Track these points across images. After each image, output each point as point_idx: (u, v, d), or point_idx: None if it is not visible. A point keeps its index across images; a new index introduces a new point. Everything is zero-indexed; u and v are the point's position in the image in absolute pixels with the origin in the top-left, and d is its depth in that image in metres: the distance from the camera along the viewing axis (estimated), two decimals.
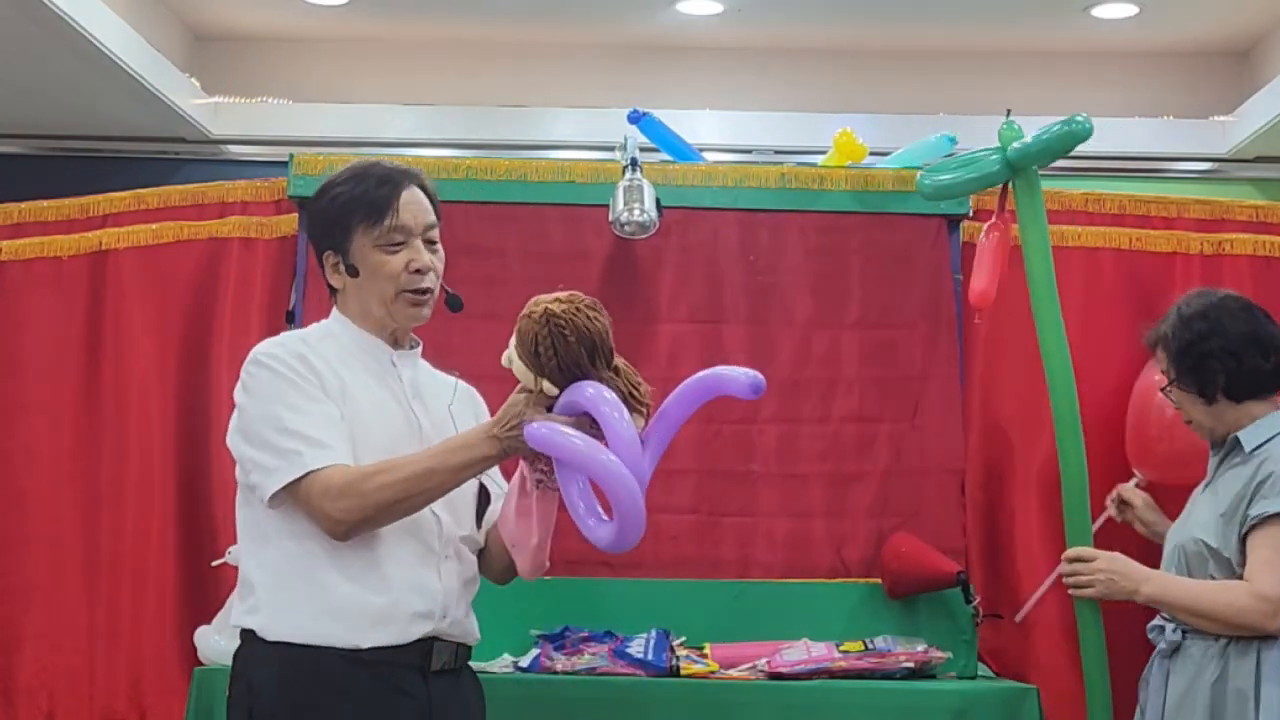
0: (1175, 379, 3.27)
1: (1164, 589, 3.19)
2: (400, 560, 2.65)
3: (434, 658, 2.68)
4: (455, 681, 2.75)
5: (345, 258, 2.76)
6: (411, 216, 2.74)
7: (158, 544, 3.80)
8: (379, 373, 2.77)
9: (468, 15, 5.81)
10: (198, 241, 3.94)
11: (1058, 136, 3.43)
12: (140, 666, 3.76)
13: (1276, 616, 3.03)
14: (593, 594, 2.87)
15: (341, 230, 2.75)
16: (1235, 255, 3.95)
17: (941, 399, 3.84)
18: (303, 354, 2.69)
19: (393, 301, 2.75)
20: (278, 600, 2.64)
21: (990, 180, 3.58)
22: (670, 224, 3.81)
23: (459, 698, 2.76)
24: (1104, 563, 3.27)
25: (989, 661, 3.78)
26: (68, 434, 3.87)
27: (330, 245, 2.78)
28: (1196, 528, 3.21)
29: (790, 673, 3.49)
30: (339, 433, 2.64)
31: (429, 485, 2.59)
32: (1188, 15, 5.64)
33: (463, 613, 2.75)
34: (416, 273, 2.74)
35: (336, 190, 2.77)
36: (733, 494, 3.79)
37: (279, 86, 6.05)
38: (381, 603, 2.62)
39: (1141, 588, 3.20)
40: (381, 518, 2.60)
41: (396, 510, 2.60)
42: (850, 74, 6.02)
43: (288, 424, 2.62)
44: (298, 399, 2.64)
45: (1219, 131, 5.89)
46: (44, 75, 5.34)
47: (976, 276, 3.60)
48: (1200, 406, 3.25)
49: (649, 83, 5.90)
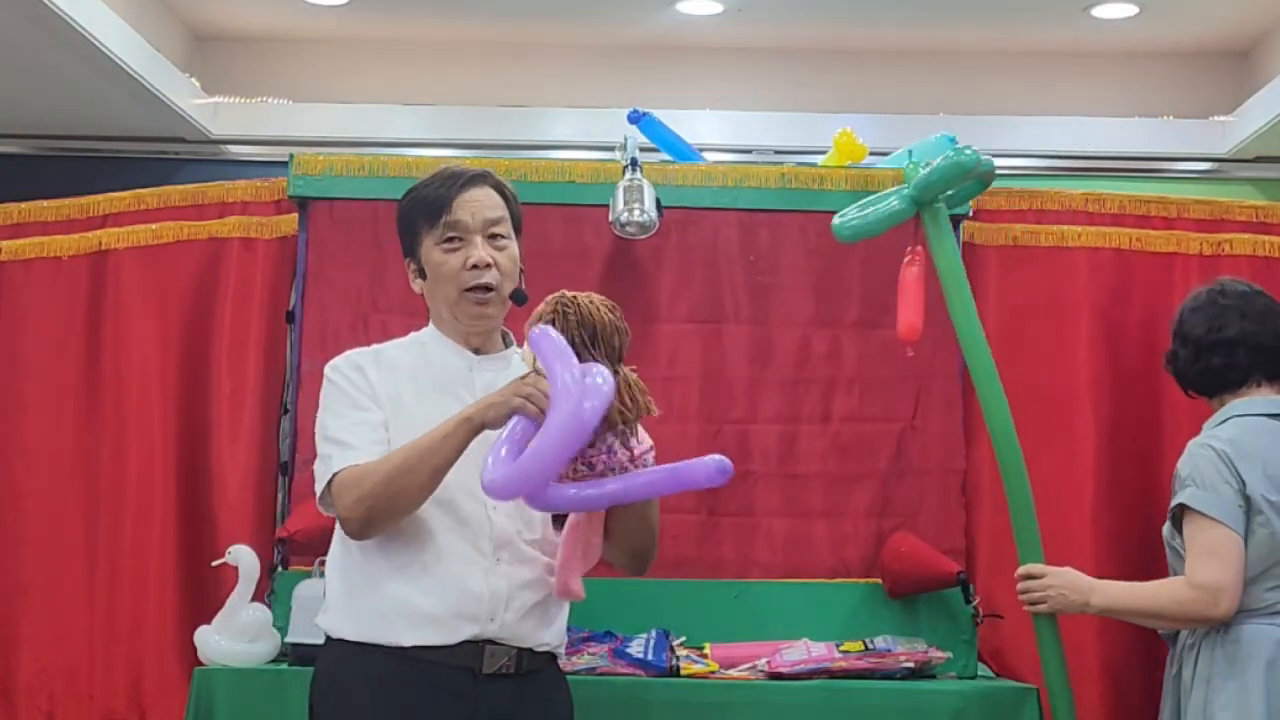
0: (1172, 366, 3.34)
1: (1110, 598, 3.23)
2: (448, 562, 2.68)
3: (485, 661, 2.68)
4: (521, 687, 2.72)
5: (416, 260, 2.80)
6: (469, 213, 2.74)
7: (158, 544, 3.81)
8: (450, 383, 2.77)
9: (468, 15, 5.80)
10: (198, 241, 3.94)
11: (947, 166, 3.43)
12: (140, 666, 3.76)
13: (1218, 604, 3.02)
14: (593, 594, 2.86)
15: (411, 234, 2.79)
16: (1235, 256, 3.95)
17: (941, 399, 3.84)
18: (360, 364, 2.77)
19: (456, 303, 2.76)
20: (339, 601, 2.73)
21: (900, 216, 3.51)
22: (670, 224, 3.81)
23: (526, 705, 2.73)
24: (1052, 578, 3.28)
25: (989, 661, 3.78)
26: (67, 434, 3.87)
27: (408, 252, 2.82)
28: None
29: (790, 673, 3.49)
30: (371, 436, 2.68)
31: (416, 464, 2.59)
32: (1188, 15, 5.64)
33: (517, 616, 2.72)
34: (474, 268, 2.73)
35: (408, 195, 2.82)
36: (733, 494, 3.79)
37: (279, 86, 6.05)
38: (428, 604, 2.66)
39: (1090, 599, 3.23)
40: (384, 508, 2.61)
41: (396, 498, 2.60)
42: (850, 74, 6.02)
43: (329, 431, 2.72)
44: (341, 405, 2.73)
45: (1219, 131, 5.89)
46: (44, 75, 5.34)
47: (903, 310, 3.53)
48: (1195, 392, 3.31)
49: (649, 83, 5.89)
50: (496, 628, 2.69)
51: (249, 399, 3.82)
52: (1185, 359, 3.27)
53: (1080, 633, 3.69)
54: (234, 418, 3.83)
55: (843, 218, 3.54)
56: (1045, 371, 3.88)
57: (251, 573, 3.54)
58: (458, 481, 2.66)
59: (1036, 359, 3.87)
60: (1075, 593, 3.24)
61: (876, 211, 3.52)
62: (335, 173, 3.86)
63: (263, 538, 3.71)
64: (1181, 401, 3.75)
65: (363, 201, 3.83)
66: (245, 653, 3.48)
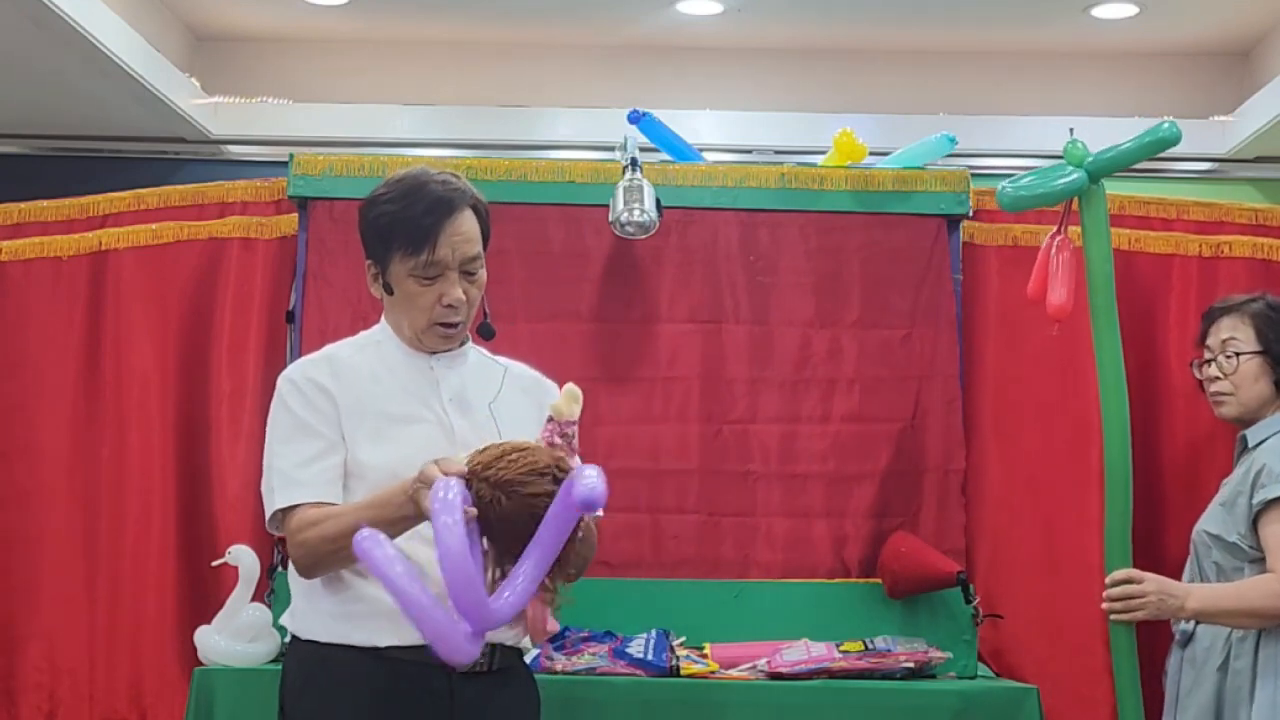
0: (1263, 349, 3.37)
1: (1205, 600, 3.20)
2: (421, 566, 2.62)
3: None
4: (494, 684, 2.72)
5: (384, 274, 2.73)
6: (450, 250, 2.67)
7: (158, 544, 3.81)
8: (415, 382, 2.75)
9: (468, 15, 5.80)
10: (198, 241, 3.94)
11: (1151, 143, 3.31)
12: (140, 666, 3.77)
13: None
14: (593, 594, 2.87)
15: (382, 248, 2.71)
16: (1233, 257, 3.96)
17: (941, 399, 3.84)
18: (315, 379, 2.71)
19: (423, 331, 2.73)
20: (306, 605, 2.71)
21: (1072, 190, 3.37)
22: (670, 224, 3.81)
23: (498, 702, 2.73)
24: (1153, 584, 3.18)
25: (989, 661, 3.78)
26: (67, 434, 3.87)
27: (372, 256, 2.75)
28: (1203, 520, 3.32)
29: (790, 673, 3.49)
30: (320, 468, 2.65)
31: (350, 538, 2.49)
32: (1188, 15, 5.63)
33: None
34: (448, 307, 2.70)
35: (383, 208, 2.71)
36: (733, 494, 3.79)
37: (279, 86, 6.04)
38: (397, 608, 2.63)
39: (1187, 603, 3.18)
40: (327, 563, 2.62)
41: (338, 558, 2.58)
42: (850, 74, 6.01)
43: (274, 460, 2.69)
44: (291, 430, 2.68)
45: (1219, 131, 5.88)
46: (44, 75, 5.33)
47: (1054, 291, 3.43)
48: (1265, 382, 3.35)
49: (649, 83, 5.88)
50: None
51: (249, 399, 3.83)
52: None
53: (1082, 634, 3.69)
54: (234, 418, 3.83)
55: (1012, 184, 3.40)
56: (1045, 371, 3.88)
57: (251, 573, 3.54)
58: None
59: (1036, 359, 3.87)
60: (1173, 598, 3.17)
61: (1048, 183, 3.37)
62: (335, 173, 3.86)
63: (263, 538, 3.70)
64: (1180, 401, 3.77)
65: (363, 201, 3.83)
66: (245, 653, 3.49)
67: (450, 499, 2.31)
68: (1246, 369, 3.38)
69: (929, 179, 3.94)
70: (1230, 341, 3.42)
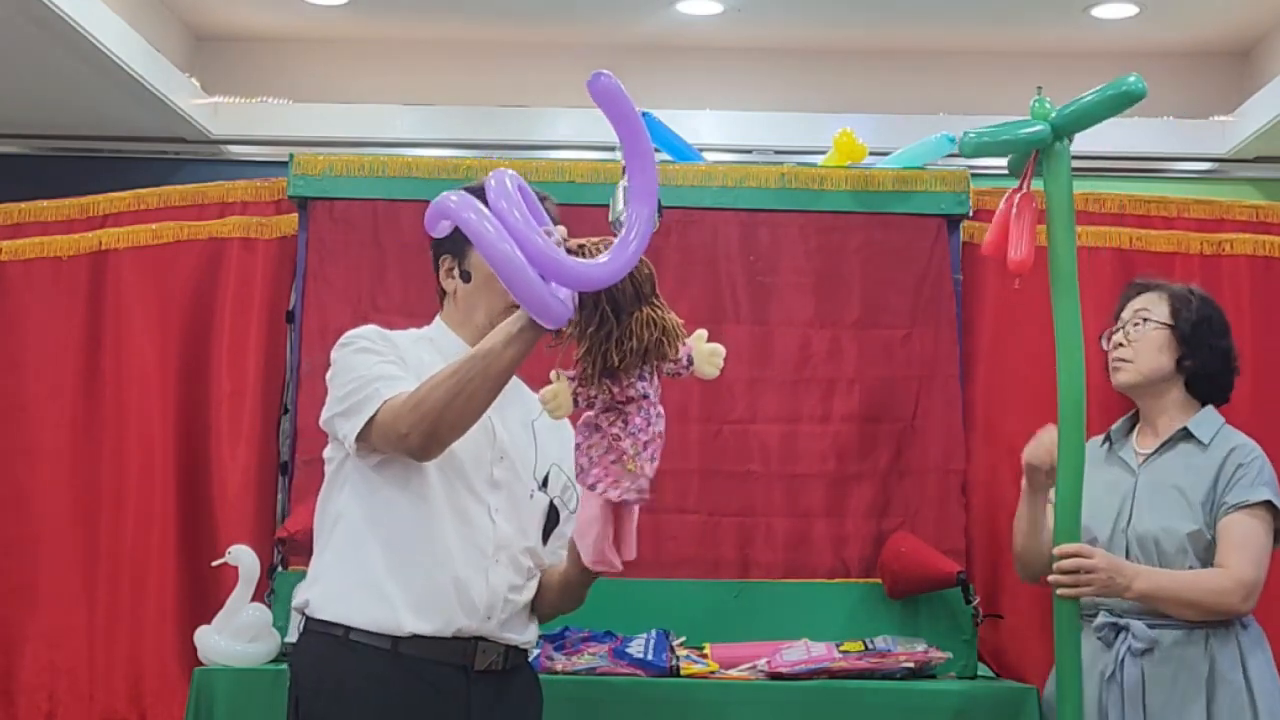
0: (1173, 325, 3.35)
1: (1155, 583, 3.20)
2: (450, 557, 2.70)
3: (478, 658, 2.72)
4: (504, 684, 2.78)
5: (461, 263, 2.82)
6: None
7: (158, 544, 3.80)
8: None
9: (468, 15, 5.81)
10: (197, 241, 3.94)
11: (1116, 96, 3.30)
12: (140, 666, 3.76)
13: (1249, 599, 3.18)
14: (593, 594, 2.87)
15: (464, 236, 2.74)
16: (1235, 256, 3.95)
17: (941, 399, 3.84)
18: (385, 335, 2.79)
19: (499, 314, 2.74)
20: (332, 578, 2.72)
21: (1034, 142, 3.37)
22: (670, 224, 3.81)
23: (507, 701, 2.78)
24: (1103, 560, 3.19)
25: (989, 661, 3.78)
26: (67, 434, 3.87)
27: (448, 250, 2.82)
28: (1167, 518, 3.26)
29: (790, 673, 3.49)
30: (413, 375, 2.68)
31: (474, 371, 2.56)
32: (1188, 15, 5.64)
33: (508, 615, 2.77)
34: None
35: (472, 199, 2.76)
36: (733, 494, 3.79)
37: (279, 86, 6.05)
38: (426, 593, 2.67)
39: (1134, 583, 3.19)
40: (445, 421, 2.59)
41: (455, 408, 2.57)
42: (850, 74, 6.02)
43: (366, 370, 2.69)
44: (372, 357, 2.72)
45: (1219, 131, 5.89)
46: (44, 75, 5.34)
47: (1015, 247, 3.40)
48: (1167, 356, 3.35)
49: (649, 83, 5.89)
50: (492, 625, 2.74)
51: (249, 399, 3.82)
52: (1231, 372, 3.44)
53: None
54: (234, 418, 3.83)
55: (975, 132, 3.39)
56: (1045, 371, 3.87)
57: (251, 573, 3.54)
58: (465, 485, 2.73)
59: (1036, 359, 3.87)
60: (1121, 576, 3.18)
61: (1011, 131, 3.37)
62: (335, 173, 3.86)
63: (263, 538, 3.71)
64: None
65: (363, 201, 3.84)
66: (245, 653, 3.49)
67: (507, 186, 2.43)
68: (1152, 337, 3.36)
69: (929, 179, 3.93)
70: (1141, 311, 3.42)
